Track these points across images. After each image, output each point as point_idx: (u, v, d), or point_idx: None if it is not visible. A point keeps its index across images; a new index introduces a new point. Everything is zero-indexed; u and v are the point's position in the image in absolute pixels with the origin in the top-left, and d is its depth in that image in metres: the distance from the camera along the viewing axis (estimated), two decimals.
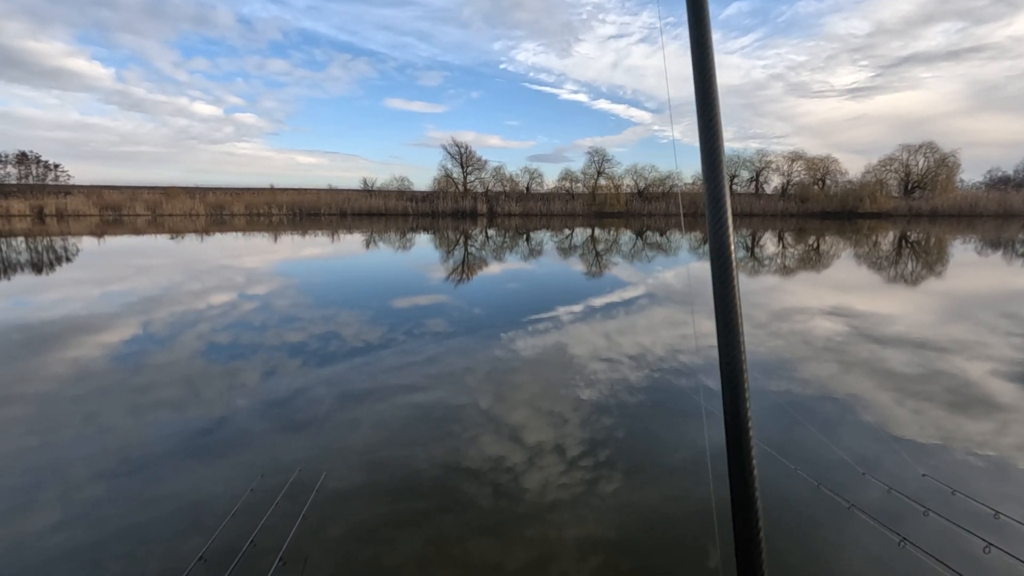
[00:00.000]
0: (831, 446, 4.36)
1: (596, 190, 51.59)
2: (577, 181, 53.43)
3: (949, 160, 49.14)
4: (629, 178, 53.23)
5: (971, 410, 5.20)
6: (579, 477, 3.94)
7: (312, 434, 4.66)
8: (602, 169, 52.47)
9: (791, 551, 3.15)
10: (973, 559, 2.83)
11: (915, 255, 20.49)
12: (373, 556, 3.08)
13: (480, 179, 52.31)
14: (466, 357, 6.90)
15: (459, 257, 19.29)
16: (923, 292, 12.52)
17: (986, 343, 7.61)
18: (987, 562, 2.69)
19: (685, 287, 12.77)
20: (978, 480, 3.91)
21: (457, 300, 11.02)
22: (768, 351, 7.15)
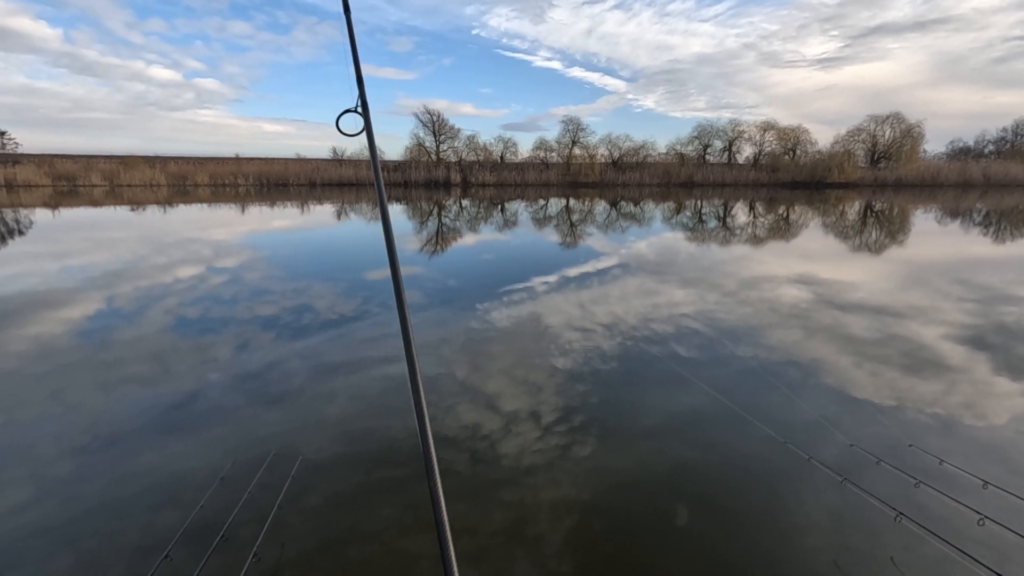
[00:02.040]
0: (799, 403, 4.56)
1: (571, 160, 51.27)
2: (551, 151, 52.97)
3: (914, 131, 50.21)
4: (604, 147, 53.01)
5: (923, 371, 5.48)
6: (554, 443, 4.04)
7: (288, 407, 4.65)
8: (576, 138, 52.07)
9: (779, 516, 3.32)
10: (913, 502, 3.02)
11: (879, 225, 21.10)
12: (353, 523, 3.14)
13: (453, 148, 51.42)
14: (441, 328, 6.91)
15: (433, 228, 19.10)
16: (885, 260, 12.96)
17: (940, 308, 7.96)
18: (974, 531, 2.88)
19: (657, 257, 12.94)
20: (927, 434, 4.15)
21: (432, 272, 10.96)
22: (737, 318, 7.35)
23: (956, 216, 24.14)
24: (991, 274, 10.82)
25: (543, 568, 2.78)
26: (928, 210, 27.21)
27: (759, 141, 53.47)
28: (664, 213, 25.98)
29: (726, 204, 31.14)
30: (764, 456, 3.86)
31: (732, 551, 2.94)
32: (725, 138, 53.83)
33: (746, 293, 8.90)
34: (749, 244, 15.48)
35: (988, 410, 4.62)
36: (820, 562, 2.85)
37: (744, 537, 3.05)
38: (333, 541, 2.99)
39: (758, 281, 9.91)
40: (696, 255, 13.41)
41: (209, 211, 24.66)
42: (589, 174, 49.37)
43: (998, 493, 3.07)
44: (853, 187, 46.53)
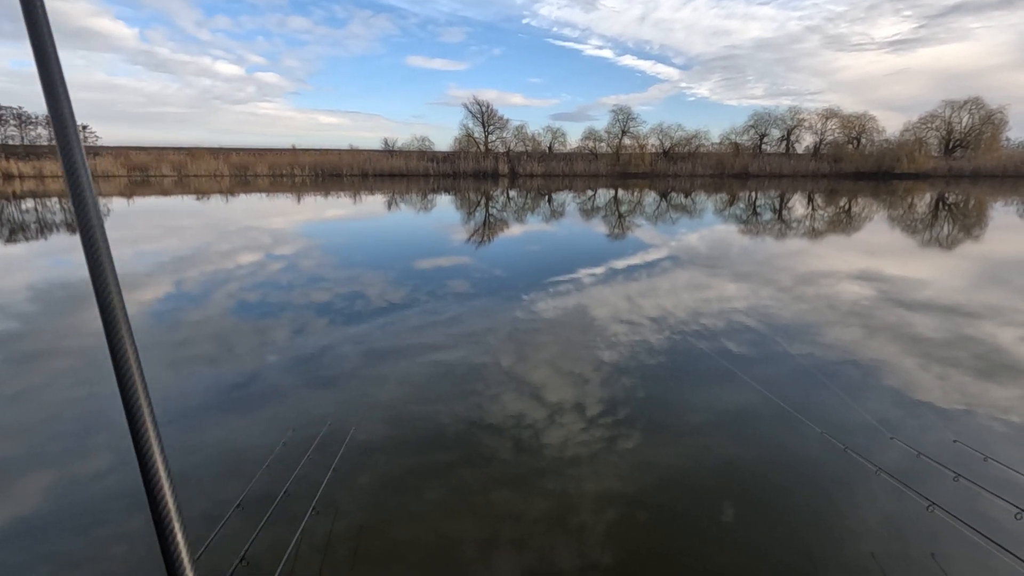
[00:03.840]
0: (855, 408, 4.37)
1: (620, 150, 50.42)
2: (601, 141, 52.27)
3: (996, 117, 46.61)
4: (654, 137, 51.88)
5: (996, 375, 5.13)
6: (598, 435, 4.04)
7: (340, 389, 4.84)
8: (626, 128, 51.14)
9: (817, 510, 3.22)
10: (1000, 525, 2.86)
11: (952, 218, 19.76)
12: (400, 504, 3.24)
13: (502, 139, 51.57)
14: (488, 317, 6.99)
15: (480, 218, 19.25)
16: (957, 256, 12.14)
17: (1019, 309, 7.41)
18: (1012, 525, 2.72)
19: (709, 250, 12.59)
20: (1005, 445, 3.89)
21: (479, 262, 11.07)
22: (792, 315, 7.09)
23: None
24: None
25: (585, 558, 2.80)
26: (1009, 203, 25.23)
27: (820, 129, 51.04)
28: (716, 205, 25.20)
29: (783, 196, 29.89)
30: (813, 456, 3.72)
31: (774, 542, 2.87)
32: (783, 127, 51.63)
33: (802, 289, 8.55)
34: (807, 238, 14.83)
35: None
36: (857, 554, 2.74)
37: (790, 532, 2.97)
38: (380, 519, 3.11)
39: (816, 277, 9.50)
40: (749, 248, 12.96)
41: (267, 200, 25.73)
42: (639, 164, 48.46)
43: None
44: (924, 178, 43.66)
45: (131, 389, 0.64)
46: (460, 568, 2.75)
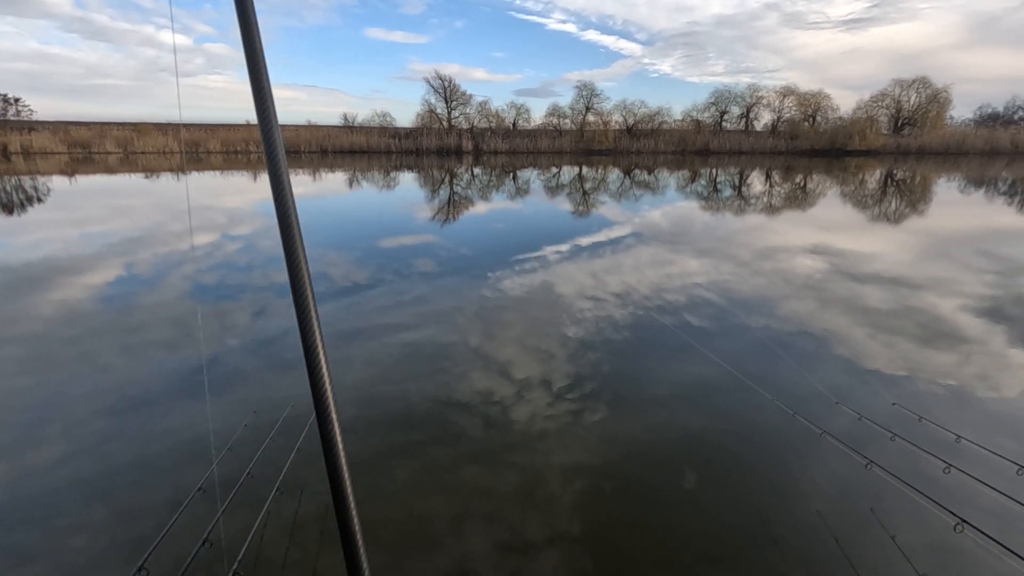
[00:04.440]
0: (806, 376, 4.59)
1: (584, 127, 50.38)
2: (565, 117, 52.07)
3: (941, 96, 48.48)
4: (618, 114, 51.95)
5: (937, 343, 5.45)
6: (565, 409, 4.12)
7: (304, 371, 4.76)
8: (590, 104, 51.05)
9: (768, 473, 3.38)
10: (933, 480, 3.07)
11: (899, 194, 20.63)
12: (370, 483, 3.25)
13: (465, 115, 50.72)
14: (454, 296, 6.98)
15: (445, 196, 19.03)
16: (904, 231, 12.73)
17: (959, 280, 7.85)
18: (945, 480, 2.92)
19: (671, 226, 12.82)
20: (939, 406, 4.16)
21: (444, 240, 10.98)
22: (750, 289, 7.32)
23: (980, 185, 23.49)
24: (1014, 246, 10.61)
25: (553, 528, 2.88)
26: (951, 179, 26.49)
27: (778, 107, 52.10)
28: (678, 181, 25.59)
29: (742, 172, 30.56)
30: (766, 423, 3.90)
31: (729, 503, 3.02)
32: (743, 104, 52.50)
33: (760, 264, 8.83)
34: (764, 214, 15.26)
35: (995, 379, 4.60)
36: (805, 511, 2.91)
37: (744, 494, 3.12)
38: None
39: (773, 252, 9.82)
40: (710, 225, 13.26)
41: (222, 178, 24.76)
42: (603, 141, 48.56)
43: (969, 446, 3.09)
44: (875, 155, 45.30)
45: (322, 394, 0.69)
46: (432, 543, 2.79)
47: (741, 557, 2.69)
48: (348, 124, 49.76)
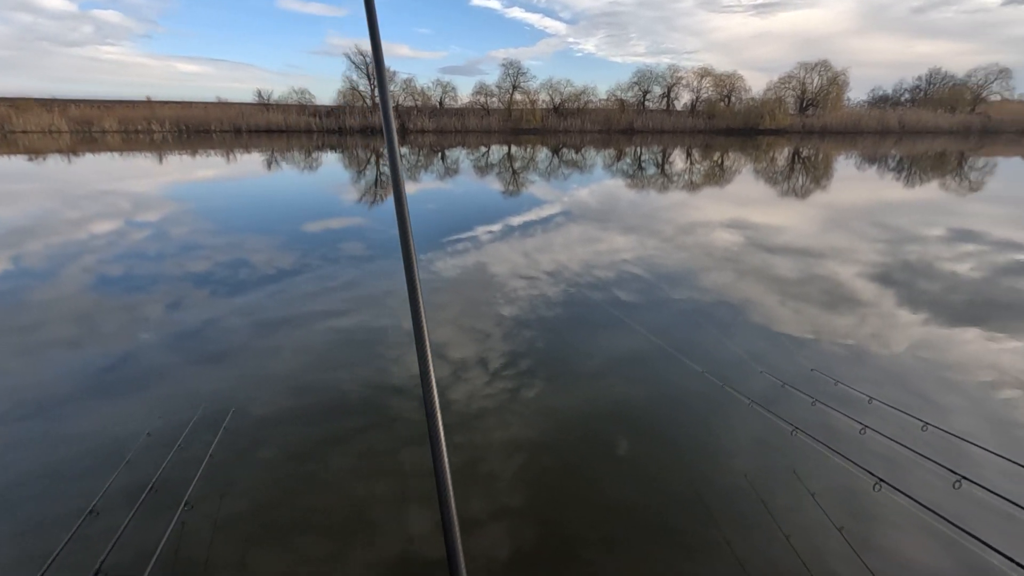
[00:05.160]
0: (730, 345, 4.89)
1: (512, 105, 50.23)
2: (492, 96, 51.63)
3: (840, 79, 52.19)
4: (545, 93, 52.10)
5: (838, 306, 5.97)
6: (503, 386, 4.18)
7: (229, 364, 4.54)
8: (517, 83, 50.87)
9: (698, 440, 3.60)
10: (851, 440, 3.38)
11: (805, 171, 22.16)
12: (306, 474, 3.17)
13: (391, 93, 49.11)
14: (386, 280, 6.84)
15: (372, 177, 18.46)
16: (809, 205, 13.72)
17: (856, 249, 8.60)
18: (862, 442, 3.21)
19: (599, 204, 13.13)
20: (851, 368, 4.58)
21: (373, 222, 10.69)
22: (674, 263, 7.67)
23: (873, 162, 25.68)
24: (901, 216, 11.72)
25: (495, 502, 2.94)
26: (849, 156, 28.76)
27: (696, 87, 54.16)
28: (605, 160, 26.16)
29: (664, 151, 31.67)
30: (690, 387, 4.14)
31: (663, 471, 3.20)
32: (664, 84, 54.12)
33: (683, 239, 9.25)
34: (686, 191, 15.94)
35: (889, 338, 5.12)
36: (733, 475, 3.15)
37: (676, 462, 3.32)
38: (286, 491, 3.03)
39: (694, 227, 10.30)
40: (636, 202, 13.70)
41: (122, 160, 22.70)
42: (531, 120, 48.67)
43: (880, 407, 3.46)
44: (783, 134, 48.28)
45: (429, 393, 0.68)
46: (375, 527, 2.77)
47: (675, 522, 2.86)
48: (263, 101, 46.89)
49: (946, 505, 2.55)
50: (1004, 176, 20.53)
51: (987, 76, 55.01)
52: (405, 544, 2.66)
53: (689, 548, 2.64)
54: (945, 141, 41.23)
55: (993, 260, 7.90)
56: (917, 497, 2.07)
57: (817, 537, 2.67)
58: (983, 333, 5.26)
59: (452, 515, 0.63)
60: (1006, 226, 10.57)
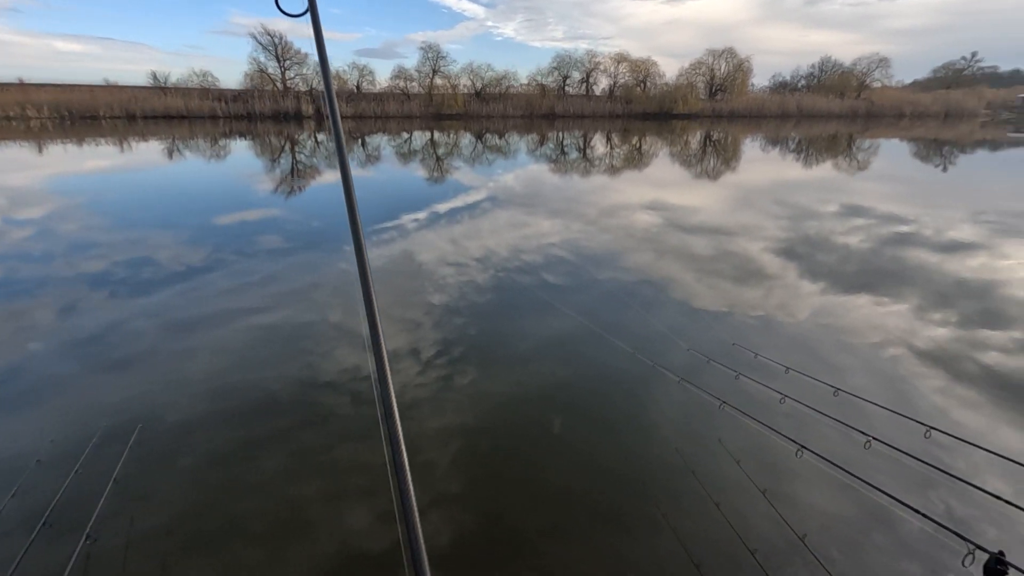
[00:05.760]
0: (656, 324, 5.13)
1: (432, 90, 49.35)
2: (412, 80, 50.47)
3: (744, 65, 55.41)
4: (466, 77, 51.60)
5: (749, 281, 6.41)
6: (436, 375, 4.17)
7: (137, 372, 4.21)
8: (437, 67, 50.03)
9: (631, 418, 3.76)
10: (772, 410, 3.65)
11: (716, 153, 23.42)
12: (233, 479, 3.03)
13: (302, 76, 46.67)
14: (309, 272, 6.57)
15: (287, 166, 17.57)
16: (720, 185, 14.54)
17: (762, 226, 9.23)
18: (780, 410, 3.45)
19: (524, 189, 13.25)
20: (769, 339, 4.93)
21: (291, 213, 10.21)
22: (598, 245, 7.91)
23: (776, 144, 27.56)
24: (800, 194, 12.69)
25: (434, 491, 2.95)
26: (754, 139, 30.68)
27: (614, 73, 55.57)
28: (528, 145, 26.36)
29: (585, 135, 32.35)
30: (621, 367, 4.32)
31: (599, 451, 3.34)
32: (583, 69, 55.09)
33: (606, 221, 9.54)
34: (607, 174, 16.40)
35: (795, 308, 5.58)
36: (666, 450, 3.35)
37: (608, 438, 3.47)
38: (211, 500, 2.88)
39: (616, 209, 10.65)
40: (561, 186, 13.94)
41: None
42: (452, 105, 48.08)
43: (796, 376, 3.79)
44: (695, 118, 50.66)
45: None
46: (312, 525, 2.70)
47: (613, 502, 2.99)
48: (159, 84, 43.15)
49: (856, 463, 2.83)
50: (885, 156, 22.71)
51: (869, 65, 60.34)
52: (346, 540, 2.62)
53: (628, 527, 2.76)
54: (836, 124, 44.93)
55: (879, 232, 8.76)
56: (832, 459, 2.26)
57: (744, 503, 2.87)
58: (872, 299, 5.84)
59: (411, 503, 0.64)
60: (889, 201, 11.73)
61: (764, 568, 2.44)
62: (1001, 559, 1.45)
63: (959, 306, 5.63)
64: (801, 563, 2.48)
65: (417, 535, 0.61)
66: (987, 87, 68.00)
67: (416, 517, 0.62)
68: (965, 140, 31.41)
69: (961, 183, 15.30)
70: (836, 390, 3.21)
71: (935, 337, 4.90)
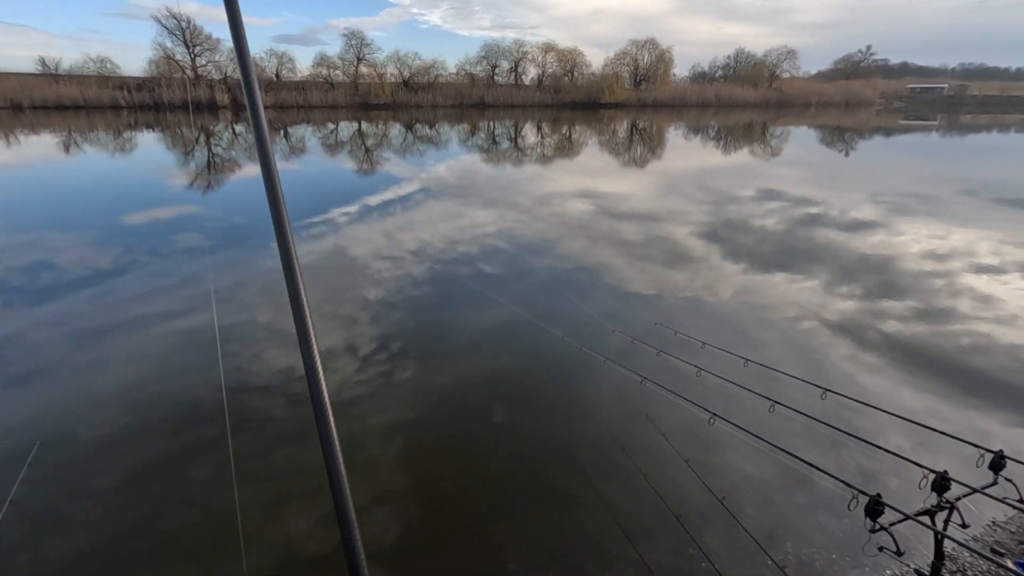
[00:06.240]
0: (585, 309, 5.26)
1: (358, 79, 47.79)
2: (336, 68, 48.60)
3: (666, 56, 57.35)
4: (392, 66, 50.29)
5: (675, 264, 6.70)
6: (375, 371, 4.09)
7: (39, 387, 3.86)
8: (362, 55, 48.42)
9: (562, 400, 3.84)
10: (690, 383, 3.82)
11: (642, 141, 24.18)
12: (161, 493, 2.85)
13: (215, 63, 43.85)
14: (233, 271, 6.24)
15: (203, 159, 16.53)
16: (648, 172, 15.05)
17: (687, 211, 9.65)
18: (695, 381, 3.61)
19: (458, 179, 13.15)
20: (687, 318, 5.17)
21: (211, 209, 9.62)
22: (533, 233, 7.99)
23: (697, 132, 28.81)
24: (721, 180, 13.35)
25: (378, 488, 2.90)
26: (678, 127, 31.93)
27: (542, 62, 55.96)
28: (460, 135, 26.15)
29: (517, 125, 32.47)
30: (555, 352, 4.39)
31: (538, 438, 3.40)
32: (511, 59, 55.11)
33: (540, 210, 9.64)
34: (540, 163, 16.57)
35: (717, 288, 5.89)
36: (597, 429, 3.46)
37: (544, 422, 3.55)
38: (133, 520, 2.70)
39: (549, 198, 10.78)
40: (494, 176, 13.94)
41: None
42: (380, 95, 46.82)
43: (711, 349, 4.02)
44: (622, 107, 52.01)
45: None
46: (248, 537, 2.59)
47: (550, 481, 3.06)
48: (49, 71, 39.22)
49: (765, 426, 3.03)
50: (795, 142, 24.30)
51: (779, 56, 64.16)
52: (285, 547, 2.53)
53: (565, 505, 2.84)
54: (751, 113, 47.53)
55: (792, 214, 9.38)
56: (742, 424, 2.43)
57: (670, 471, 3.04)
58: (787, 276, 6.26)
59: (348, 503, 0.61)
60: (800, 185, 12.57)
61: (688, 531, 2.60)
62: (878, 500, 1.64)
63: (862, 280, 6.14)
64: (720, 523, 2.66)
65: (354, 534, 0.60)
66: (880, 78, 74.19)
67: (352, 517, 0.61)
68: (864, 127, 34.15)
69: (861, 167, 16.65)
70: (746, 361, 3.42)
71: (843, 309, 5.33)
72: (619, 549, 2.54)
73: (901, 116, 48.20)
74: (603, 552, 2.54)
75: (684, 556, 2.49)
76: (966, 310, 5.35)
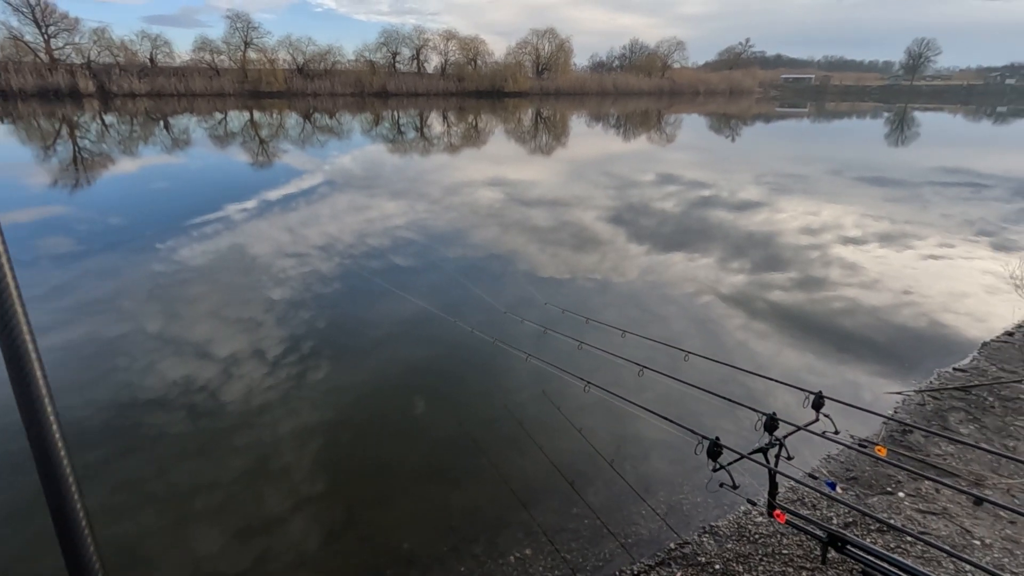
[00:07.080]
0: (489, 300, 5.30)
1: (246, 65, 44.60)
2: (220, 53, 45.01)
3: (565, 45, 58.65)
4: (284, 52, 47.40)
5: (583, 248, 6.93)
6: (285, 374, 3.88)
7: None
8: (249, 40, 45.18)
9: (464, 386, 3.86)
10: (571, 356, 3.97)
11: (547, 129, 24.65)
12: (43, 527, 2.54)
13: (75, 46, 39.04)
14: (112, 278, 5.65)
15: (67, 154, 14.72)
16: (554, 160, 15.38)
17: (593, 196, 9.99)
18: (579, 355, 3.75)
19: (363, 171, 12.71)
20: (575, 297, 5.36)
21: (80, 210, 8.61)
22: (445, 223, 7.92)
23: (598, 120, 29.83)
24: (622, 165, 13.94)
25: (296, 495, 2.77)
26: (580, 115, 32.85)
27: (444, 50, 55.21)
28: (363, 125, 25.26)
29: (422, 114, 31.88)
30: (462, 345, 4.37)
31: (440, 424, 3.40)
32: (413, 46, 53.86)
33: (450, 199, 9.57)
34: (447, 153, 16.40)
35: (615, 268, 6.17)
36: (496, 408, 3.53)
37: (451, 410, 3.56)
38: (3, 563, 2.39)
39: (459, 187, 10.72)
40: (401, 166, 13.63)
41: None
42: (272, 82, 44.03)
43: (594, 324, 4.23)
44: (525, 96, 52.62)
45: None
46: (155, 563, 2.38)
47: (444, 461, 3.09)
48: None
49: (633, 389, 3.22)
50: (687, 129, 25.88)
51: (670, 47, 67.78)
52: (197, 569, 2.36)
53: (456, 480, 2.93)
54: (647, 101, 49.94)
55: (687, 196, 9.99)
56: (614, 390, 2.63)
57: (562, 440, 3.22)
58: (686, 255, 6.68)
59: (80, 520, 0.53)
60: (693, 169, 13.41)
61: (579, 493, 2.78)
62: (716, 443, 1.92)
63: (750, 255, 6.69)
64: (604, 482, 2.87)
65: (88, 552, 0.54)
66: (758, 68, 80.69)
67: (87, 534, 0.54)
68: (746, 114, 37.04)
69: (746, 151, 18.07)
70: (624, 332, 3.66)
71: (734, 282, 5.78)
72: (512, 515, 2.66)
73: (777, 104, 52.89)
74: (496, 520, 2.65)
75: (570, 516, 2.65)
76: (836, 278, 5.99)
